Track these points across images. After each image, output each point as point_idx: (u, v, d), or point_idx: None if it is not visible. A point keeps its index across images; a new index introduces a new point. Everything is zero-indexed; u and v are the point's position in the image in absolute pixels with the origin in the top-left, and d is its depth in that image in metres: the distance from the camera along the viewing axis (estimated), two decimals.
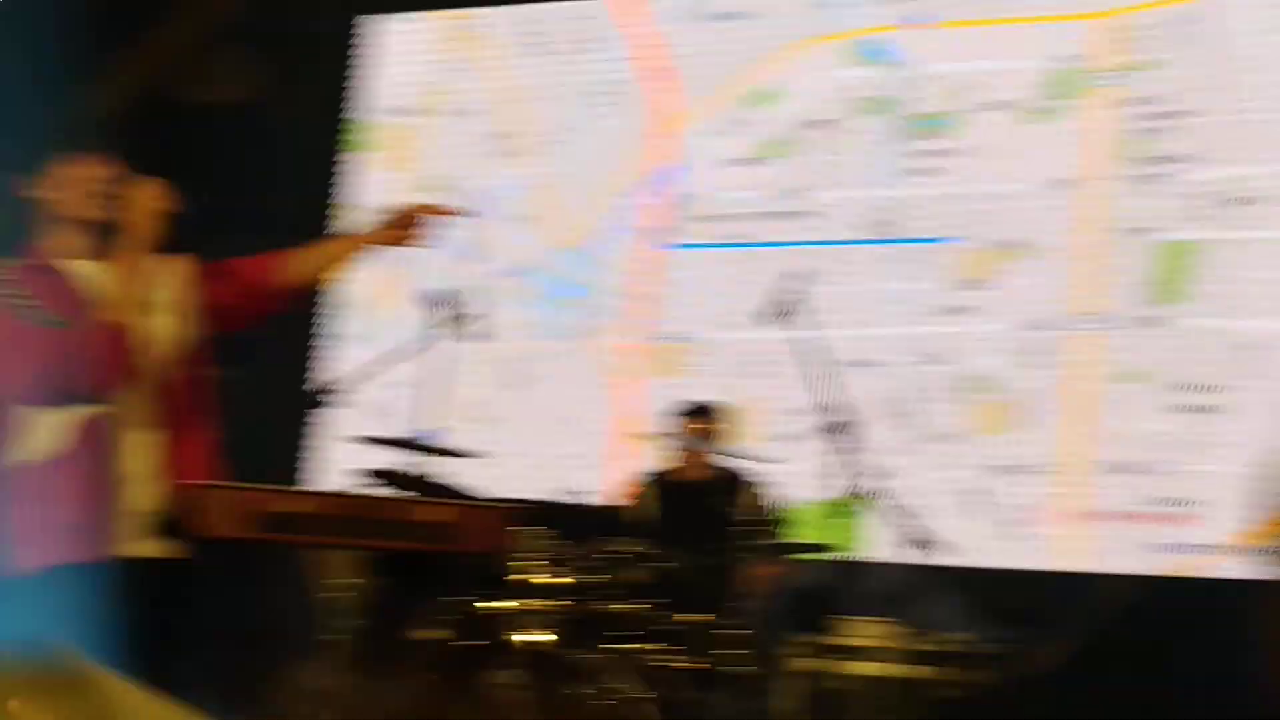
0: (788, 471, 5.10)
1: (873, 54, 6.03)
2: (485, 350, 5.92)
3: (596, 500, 4.96)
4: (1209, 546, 5.28)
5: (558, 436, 6.33)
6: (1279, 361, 5.27)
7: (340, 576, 5.71)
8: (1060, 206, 5.63)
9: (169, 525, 2.89)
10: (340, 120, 7.01)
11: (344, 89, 7.03)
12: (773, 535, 4.61)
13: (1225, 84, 5.47)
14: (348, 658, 4.23)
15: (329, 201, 6.97)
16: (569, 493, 4.98)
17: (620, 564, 4.60)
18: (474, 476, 5.29)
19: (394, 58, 7.00)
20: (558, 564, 4.59)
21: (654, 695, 4.36)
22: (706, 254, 6.22)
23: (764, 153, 6.17)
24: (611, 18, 6.58)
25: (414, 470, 5.09)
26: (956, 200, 5.74)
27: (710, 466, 5.14)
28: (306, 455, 6.63)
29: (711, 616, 4.62)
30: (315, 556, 6.09)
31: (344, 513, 3.01)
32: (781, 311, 4.72)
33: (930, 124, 5.87)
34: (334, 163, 6.99)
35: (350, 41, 7.06)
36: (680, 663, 4.54)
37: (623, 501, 5.65)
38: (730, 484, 5.18)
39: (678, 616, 4.57)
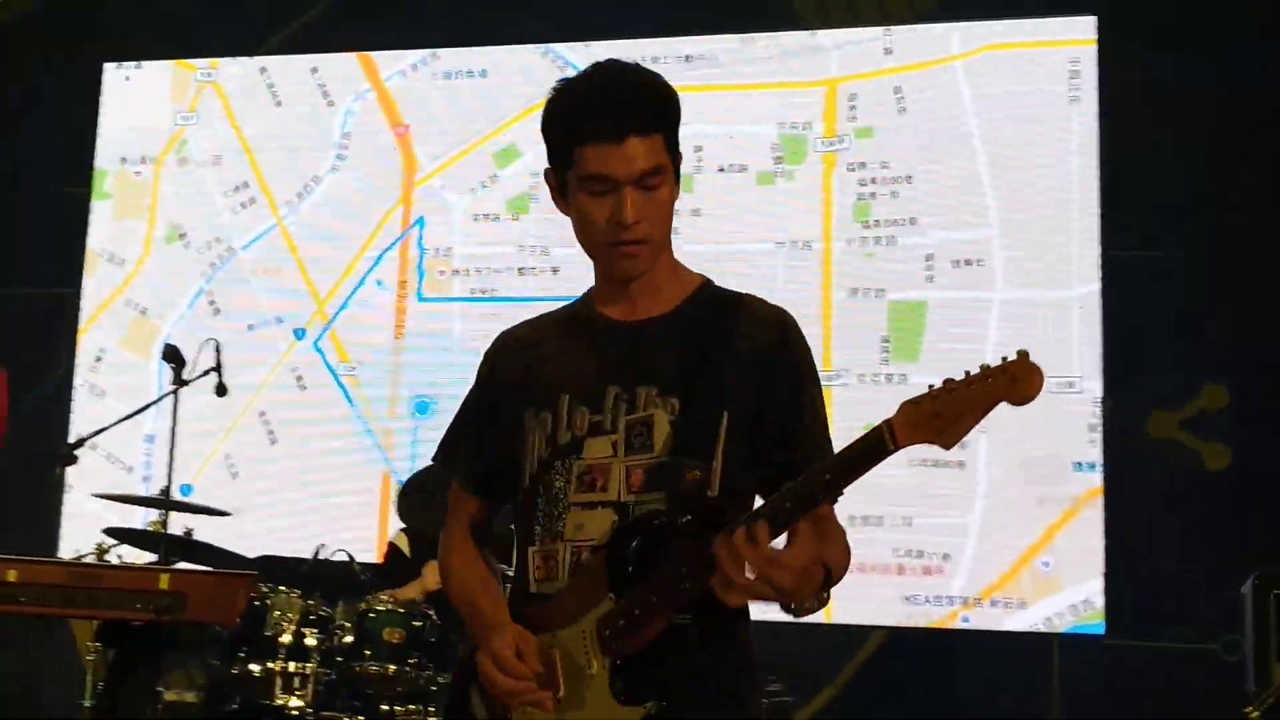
0: None
1: None
2: (234, 404, 5.81)
3: (349, 558, 4.91)
4: (954, 598, 5.51)
5: (308, 492, 6.25)
6: (1009, 418, 5.54)
7: (82, 643, 5.54)
8: (795, 266, 5.83)
9: None
10: (74, 167, 6.80)
11: (77, 136, 6.82)
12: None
13: (945, 150, 5.75)
14: None
15: (63, 248, 6.74)
16: (321, 551, 4.92)
17: (373, 623, 4.57)
18: (223, 534, 5.21)
19: (129, 105, 6.82)
20: (308, 624, 4.54)
21: None
22: (453, 307, 6.25)
23: (509, 209, 6.23)
24: (346, 73, 6.55)
25: (158, 529, 4.98)
26: (694, 258, 5.87)
27: None
28: (51, 514, 6.40)
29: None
30: (52, 624, 5.91)
31: (64, 581, 2.92)
32: None
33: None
34: (68, 210, 6.76)
35: (82, 88, 6.85)
36: None
37: (377, 559, 5.62)
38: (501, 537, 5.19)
39: (431, 676, 4.56)
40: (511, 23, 6.34)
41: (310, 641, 4.50)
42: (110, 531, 4.95)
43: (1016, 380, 1.89)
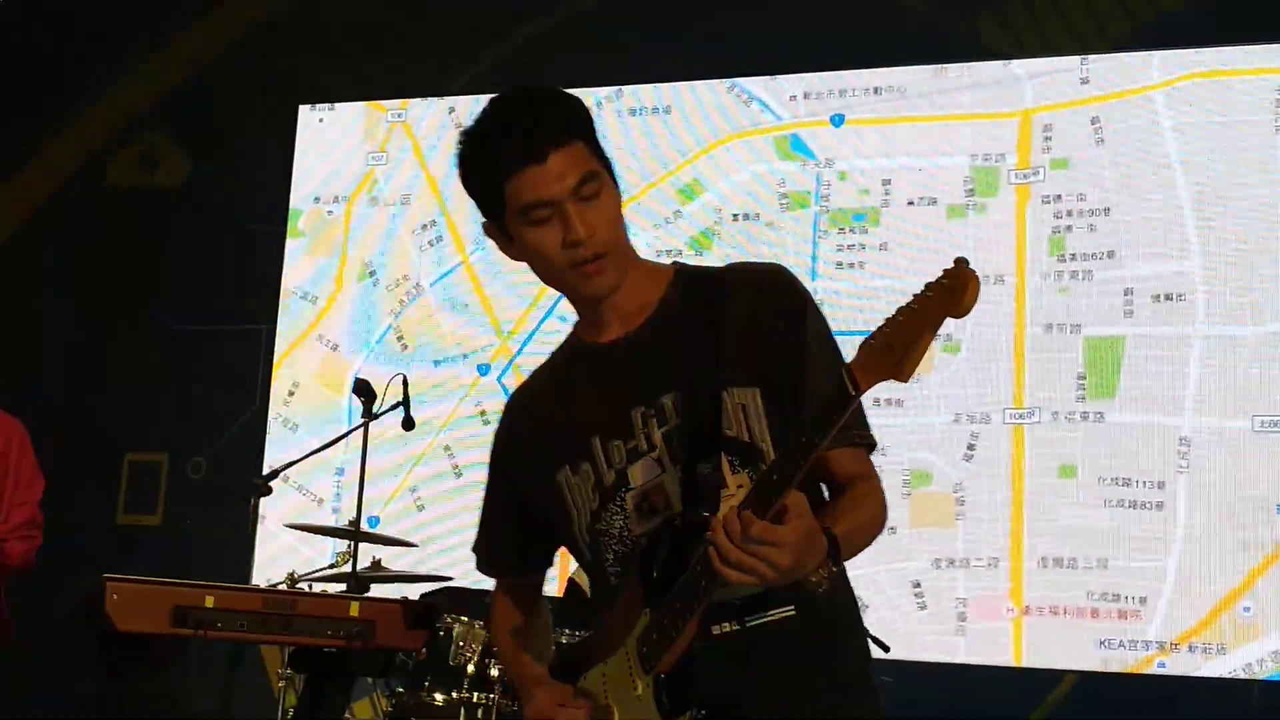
0: None
1: (796, 149, 6.11)
2: (420, 438, 5.89)
3: None
4: (1150, 642, 5.32)
5: None
6: (1207, 458, 5.35)
7: (272, 670, 5.65)
8: (987, 300, 5.70)
9: (79, 611, 2.85)
10: (269, 207, 6.99)
11: (273, 176, 7.01)
12: None
13: (1144, 182, 5.58)
14: None
15: (259, 286, 6.93)
16: None
17: (558, 653, 4.56)
18: (409, 565, 5.27)
19: (322, 146, 6.99)
20: (491, 655, 4.56)
21: None
22: None
23: (691, 245, 6.21)
24: None
25: (344, 559, 5.06)
26: (882, 293, 5.80)
27: None
28: (249, 543, 6.55)
29: None
30: (245, 651, 6.04)
31: (258, 608, 2.96)
32: None
33: (853, 219, 5.95)
34: (264, 248, 6.95)
35: (278, 129, 7.05)
36: None
37: (558, 593, 5.62)
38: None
39: None
40: (696, 59, 6.34)
41: (493, 672, 4.51)
42: (303, 577, 5.05)
43: (953, 291, 1.73)
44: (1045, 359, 5.60)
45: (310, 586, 4.58)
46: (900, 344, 1.77)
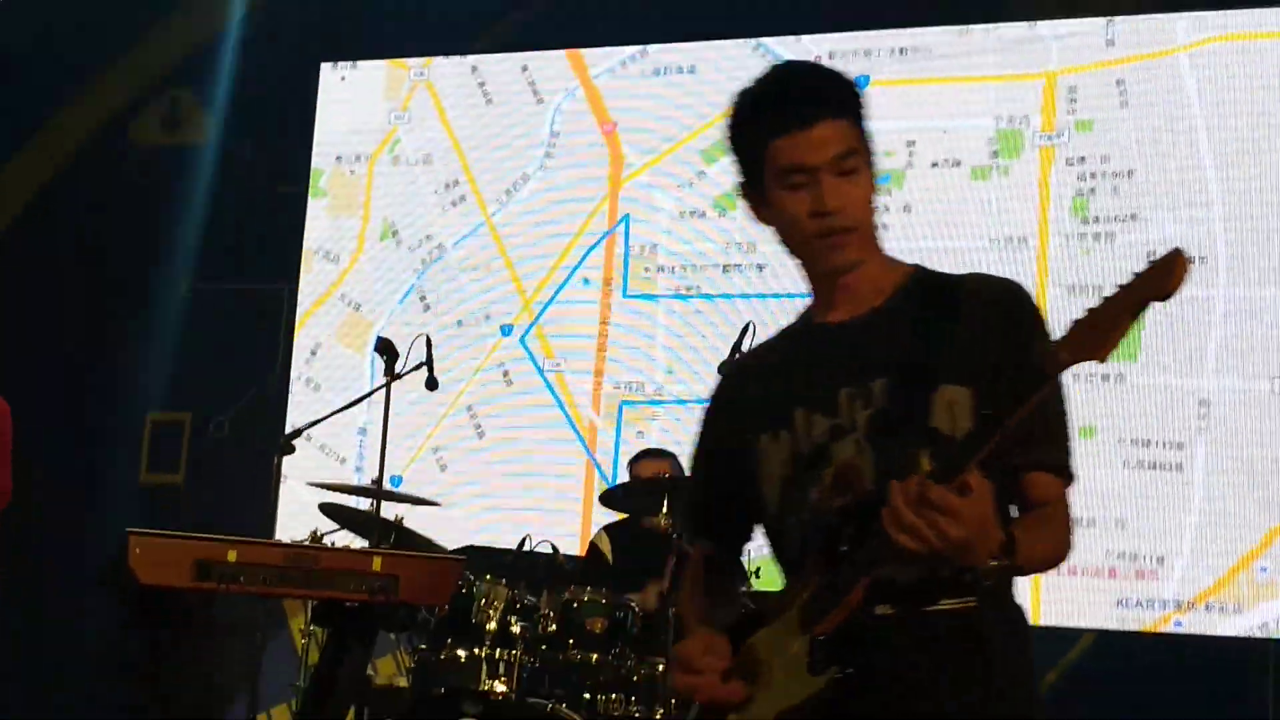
0: None
1: None
2: (443, 398, 5.91)
3: (554, 549, 4.95)
4: (1167, 601, 5.34)
5: (514, 485, 6.33)
6: (1226, 419, 5.35)
7: (295, 628, 5.70)
8: (1009, 262, 5.69)
9: (106, 573, 2.87)
10: (291, 165, 7.00)
11: (295, 135, 7.02)
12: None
13: (1167, 144, 5.56)
14: (303, 705, 4.21)
15: (281, 245, 6.95)
16: (526, 542, 4.96)
17: (576, 613, 4.60)
18: (431, 524, 5.30)
19: (344, 105, 6.99)
20: (514, 613, 4.59)
21: None
22: (661, 304, 6.26)
23: (715, 206, 6.21)
24: (556, 70, 6.61)
25: (370, 516, 5.09)
26: (905, 255, 5.78)
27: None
28: (266, 502, 6.58)
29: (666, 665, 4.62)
30: (270, 605, 6.09)
31: (280, 562, 2.98)
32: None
33: (876, 180, 5.93)
34: (285, 208, 6.96)
35: (300, 88, 7.05)
36: (636, 713, 4.53)
37: (581, 551, 5.65)
38: None
39: (633, 666, 4.57)
40: (720, 18, 6.32)
41: (515, 629, 4.55)
42: (325, 507, 5.09)
43: (1163, 274, 1.79)
44: (1068, 320, 5.58)
45: (334, 544, 4.61)
46: (1104, 325, 1.83)
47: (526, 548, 5.00)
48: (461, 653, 4.54)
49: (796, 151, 2.09)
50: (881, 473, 2.03)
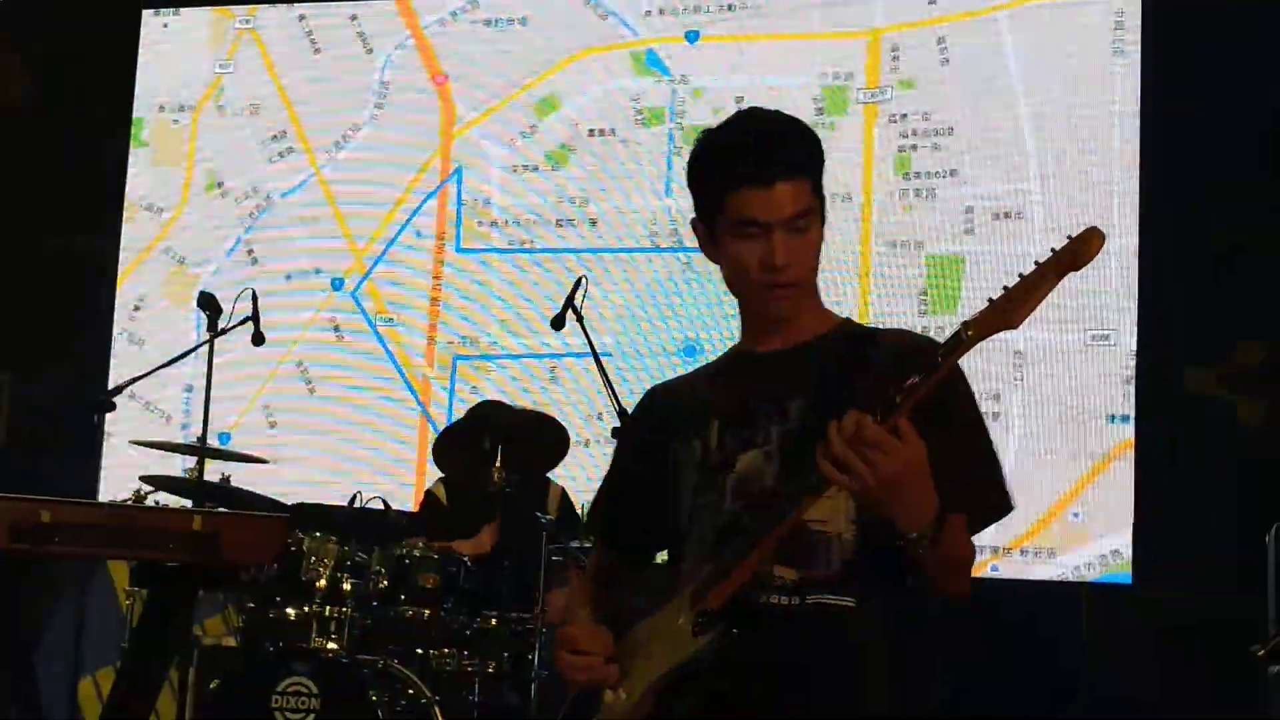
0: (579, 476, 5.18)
1: (651, 64, 6.12)
2: (272, 354, 5.84)
3: (385, 505, 4.94)
4: (983, 546, 5.50)
5: (346, 442, 6.28)
6: (1041, 370, 5.53)
7: (120, 589, 5.60)
8: (836, 219, 5.79)
9: None
10: (112, 116, 6.82)
11: (115, 84, 6.83)
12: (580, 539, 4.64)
13: (988, 102, 5.70)
14: (122, 666, 4.15)
15: (102, 197, 6.77)
16: (357, 499, 4.95)
17: (408, 569, 4.60)
18: (261, 482, 5.25)
19: (167, 53, 6.82)
20: (344, 570, 4.58)
21: (439, 699, 4.38)
22: (492, 259, 6.25)
23: (548, 160, 6.21)
24: (386, 21, 6.53)
25: (192, 476, 5.02)
26: None
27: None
28: (90, 461, 6.45)
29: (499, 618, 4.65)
30: (94, 572, 5.98)
31: (99, 522, 2.92)
32: (566, 318, 4.81)
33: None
34: (106, 158, 6.78)
35: (120, 37, 6.86)
36: (469, 667, 4.56)
37: (413, 508, 5.65)
38: (538, 487, 5.21)
39: (466, 620, 4.59)
40: None
41: (346, 586, 4.54)
42: (147, 479, 5.00)
43: (1078, 249, 2.01)
44: (889, 276, 5.73)
45: (157, 504, 4.54)
46: (1019, 296, 2.01)
47: (358, 504, 4.99)
48: (291, 611, 4.53)
49: (753, 207, 2.16)
50: (784, 481, 2.13)
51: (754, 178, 2.16)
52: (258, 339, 5.20)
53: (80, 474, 6.39)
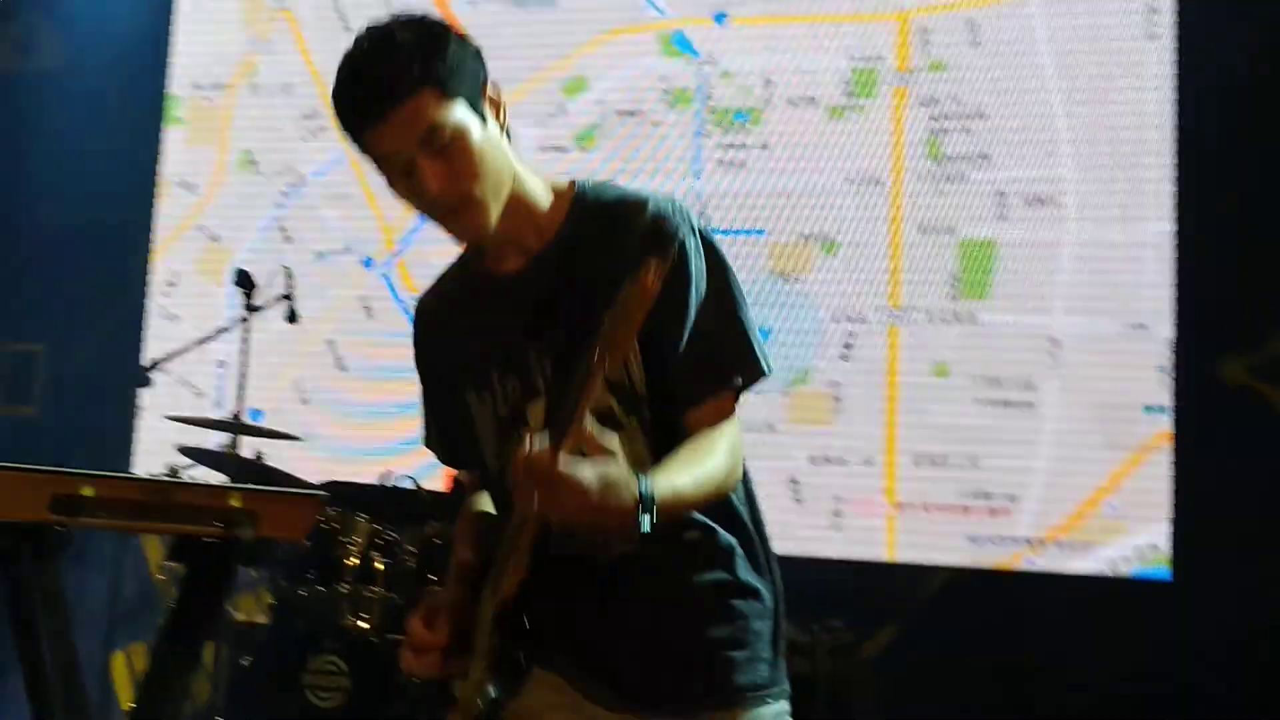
0: None
1: (679, 45, 6.12)
2: (304, 331, 5.87)
3: (415, 485, 4.96)
4: (1018, 539, 5.49)
5: (377, 420, 6.31)
6: (1076, 359, 5.51)
7: (154, 566, 5.65)
8: (865, 201, 5.79)
9: None
10: (147, 93, 6.85)
11: (150, 62, 6.86)
12: None
13: (1019, 88, 5.68)
14: (159, 641, 4.19)
15: (136, 174, 6.80)
16: (387, 478, 4.97)
17: (438, 549, 4.63)
18: (291, 459, 5.28)
19: (202, 32, 6.85)
20: (375, 549, 4.61)
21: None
22: None
23: (577, 141, 6.21)
24: (419, 2, 6.52)
25: (229, 452, 5.06)
26: (762, 194, 5.86)
27: None
28: (128, 435, 6.50)
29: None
30: (128, 547, 6.03)
31: (137, 496, 2.95)
32: None
33: (735, 118, 5.99)
34: (141, 136, 6.82)
35: (156, 13, 6.89)
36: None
37: (444, 488, 5.67)
38: None
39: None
40: None
41: (377, 565, 4.57)
42: (185, 450, 5.04)
43: (639, 282, 1.79)
44: (920, 260, 5.72)
45: (192, 480, 4.58)
46: (614, 339, 1.81)
47: (388, 483, 5.02)
48: (323, 589, 4.56)
49: (380, 144, 2.07)
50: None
51: (368, 115, 2.05)
52: (292, 316, 5.24)
53: (113, 448, 6.44)
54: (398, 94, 2.03)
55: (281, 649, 4.58)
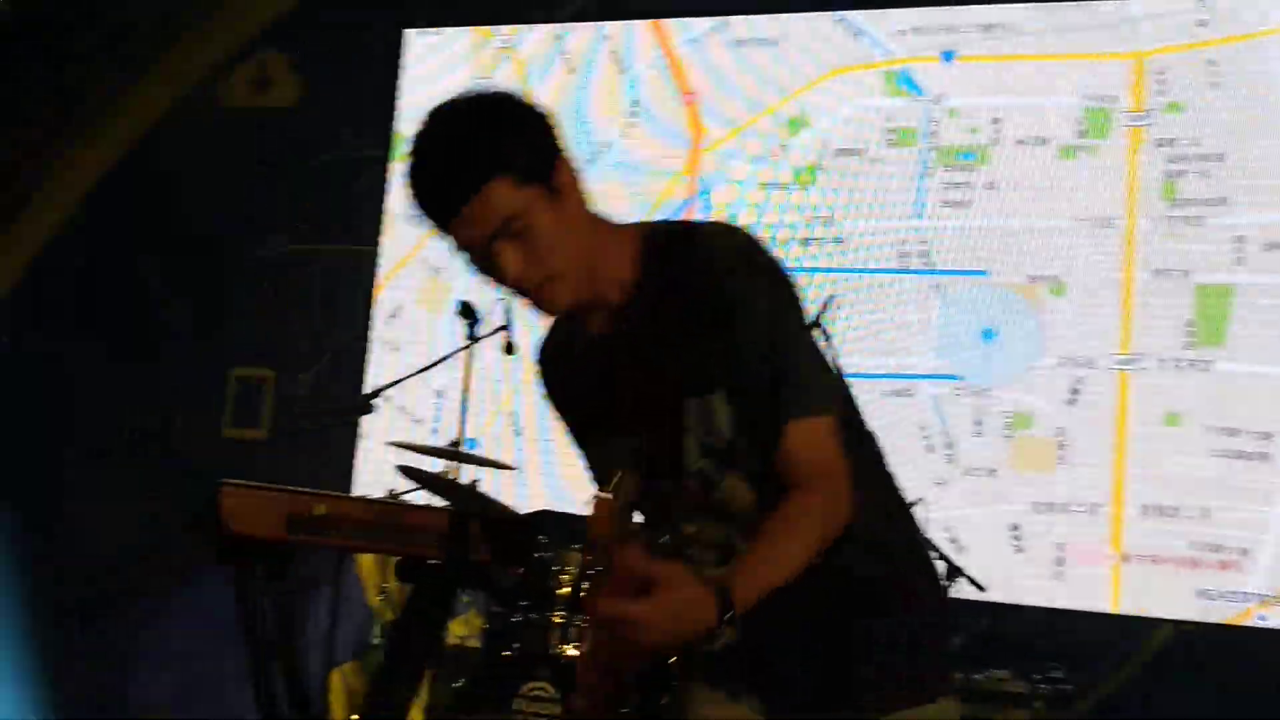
0: None
1: (904, 84, 6.05)
2: (519, 364, 5.93)
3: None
4: (1250, 594, 5.27)
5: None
6: None
7: (370, 586, 5.77)
8: (1096, 243, 5.64)
9: (193, 520, 2.92)
10: (375, 130, 7.05)
11: (378, 100, 7.06)
12: None
13: (1260, 128, 5.48)
14: (381, 661, 4.27)
15: (364, 208, 7.00)
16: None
17: None
18: (505, 487, 5.35)
19: (428, 71, 7.02)
20: (586, 579, 4.62)
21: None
22: None
23: (796, 178, 6.19)
24: (638, 40, 6.60)
25: (449, 478, 5.14)
26: (989, 233, 5.76)
27: None
28: (345, 463, 6.67)
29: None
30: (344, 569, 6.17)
31: (369, 517, 3.02)
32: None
33: (960, 156, 5.90)
34: (374, 172, 7.01)
35: (386, 53, 7.09)
36: None
37: None
38: None
39: None
40: None
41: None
42: (405, 471, 5.14)
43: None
44: (1153, 305, 5.54)
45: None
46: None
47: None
48: (534, 616, 4.59)
49: (456, 236, 2.05)
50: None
51: (443, 213, 2.02)
52: (510, 349, 5.30)
53: (335, 472, 6.60)
54: (469, 186, 2.00)
55: (492, 674, 4.63)
